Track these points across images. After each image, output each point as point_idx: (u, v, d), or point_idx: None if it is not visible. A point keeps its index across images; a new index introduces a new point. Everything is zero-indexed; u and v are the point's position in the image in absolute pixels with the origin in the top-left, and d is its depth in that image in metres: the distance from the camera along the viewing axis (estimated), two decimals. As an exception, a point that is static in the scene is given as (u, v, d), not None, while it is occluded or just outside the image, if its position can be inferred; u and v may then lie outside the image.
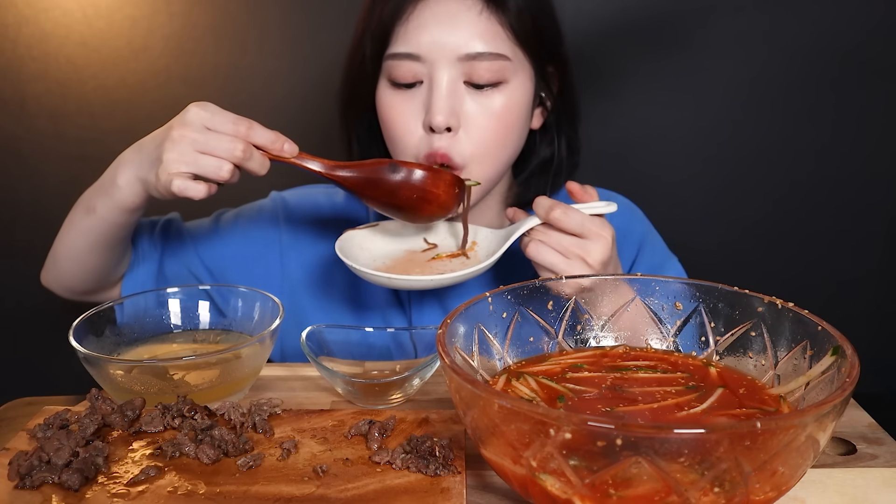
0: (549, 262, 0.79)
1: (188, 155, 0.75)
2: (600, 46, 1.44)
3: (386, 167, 0.80)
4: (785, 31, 1.45)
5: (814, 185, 1.54)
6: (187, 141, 0.75)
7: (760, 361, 0.60)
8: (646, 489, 0.42)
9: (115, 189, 0.83)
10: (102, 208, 0.85)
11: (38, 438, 0.61)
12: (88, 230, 0.88)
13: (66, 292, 0.98)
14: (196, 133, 0.75)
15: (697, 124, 1.51)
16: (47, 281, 0.98)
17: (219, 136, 0.75)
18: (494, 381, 0.60)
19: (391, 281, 0.78)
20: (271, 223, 1.03)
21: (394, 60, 0.86)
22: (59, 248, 0.93)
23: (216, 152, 0.75)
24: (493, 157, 0.88)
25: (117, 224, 0.87)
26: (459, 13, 0.84)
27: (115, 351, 0.78)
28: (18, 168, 1.45)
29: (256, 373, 0.76)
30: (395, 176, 0.80)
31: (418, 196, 0.81)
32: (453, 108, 0.84)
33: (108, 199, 0.84)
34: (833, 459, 0.62)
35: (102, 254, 0.91)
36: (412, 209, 0.82)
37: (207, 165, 0.75)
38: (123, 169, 0.82)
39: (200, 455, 0.59)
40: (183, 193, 0.76)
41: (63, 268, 0.93)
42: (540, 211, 0.81)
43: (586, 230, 0.79)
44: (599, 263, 0.79)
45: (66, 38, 1.39)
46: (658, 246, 1.04)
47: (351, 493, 0.55)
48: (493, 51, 0.84)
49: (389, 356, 0.80)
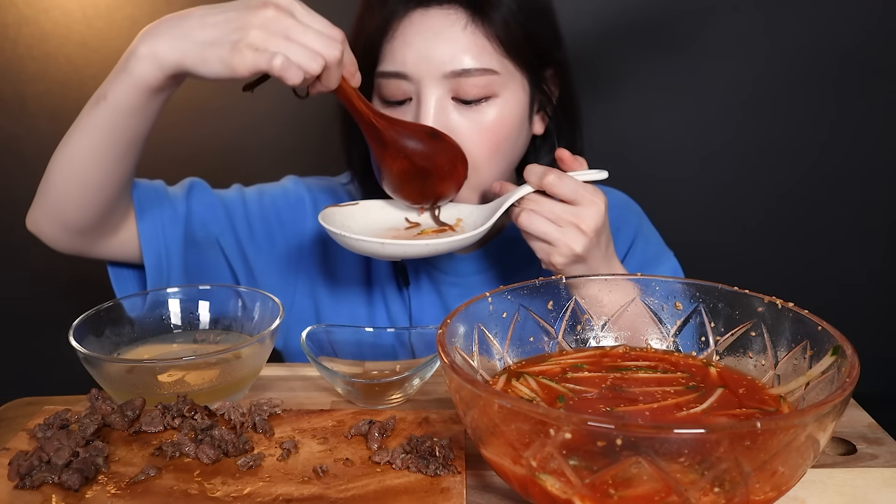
0: (541, 230, 0.78)
1: (282, 39, 0.68)
2: (600, 47, 1.44)
3: (427, 131, 0.81)
4: (785, 31, 1.45)
5: (814, 185, 1.54)
6: (285, 25, 0.68)
7: (760, 361, 0.60)
8: (646, 489, 0.42)
9: (135, 61, 0.72)
10: (116, 91, 0.74)
11: (38, 438, 0.61)
12: (94, 125, 0.77)
13: (60, 232, 0.84)
14: (292, 21, 0.69)
15: (697, 124, 1.51)
16: (35, 220, 0.85)
17: (318, 33, 0.69)
18: (494, 381, 0.60)
19: (384, 247, 0.76)
20: (297, 203, 1.00)
21: (382, 79, 0.85)
22: (52, 169, 0.80)
23: (314, 45, 0.69)
24: (486, 169, 0.87)
25: (131, 110, 0.75)
26: (444, 29, 0.82)
27: (115, 351, 0.78)
28: (18, 168, 1.45)
29: (256, 373, 0.76)
30: (434, 141, 0.81)
31: (452, 165, 0.82)
32: (443, 125, 0.83)
33: (125, 76, 0.73)
34: (833, 459, 0.62)
35: (107, 161, 0.78)
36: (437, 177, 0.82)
37: (301, 54, 0.68)
38: (150, 39, 0.72)
39: (200, 455, 0.59)
40: (283, 73, 0.68)
41: (58, 191, 0.81)
42: (532, 178, 0.79)
43: (579, 196, 0.77)
44: (593, 231, 0.77)
45: (66, 38, 1.39)
46: (653, 239, 1.03)
47: (351, 493, 0.55)
48: (480, 66, 0.82)
49: (390, 356, 0.80)
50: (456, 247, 0.78)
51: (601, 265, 0.81)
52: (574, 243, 0.77)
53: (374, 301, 1.01)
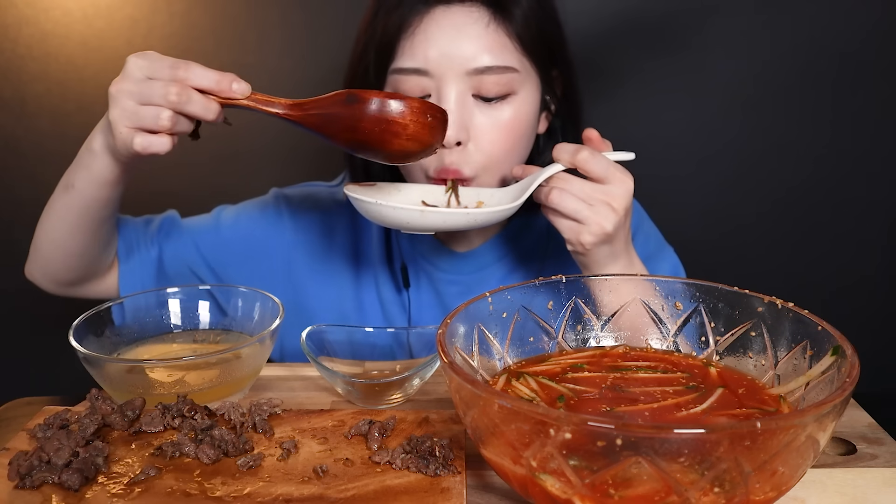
0: (572, 208, 0.77)
1: (129, 108, 0.70)
2: (600, 46, 1.44)
3: (343, 98, 0.71)
4: (785, 31, 1.45)
5: (814, 185, 1.54)
6: (125, 94, 0.70)
7: (760, 361, 0.60)
8: (646, 489, 0.42)
9: (91, 157, 0.78)
10: (80, 182, 0.81)
11: (38, 438, 0.61)
12: (68, 208, 0.83)
13: (52, 284, 0.93)
14: (133, 84, 0.70)
15: (697, 124, 1.51)
16: (31, 273, 0.93)
17: (154, 83, 0.70)
18: (494, 381, 0.60)
19: (423, 216, 0.74)
20: (275, 219, 1.02)
21: (400, 75, 0.85)
22: (40, 234, 0.88)
23: (153, 100, 0.70)
24: (502, 167, 0.88)
25: (96, 200, 0.82)
26: (466, 26, 0.82)
27: (115, 351, 0.78)
28: (18, 168, 1.45)
29: (256, 373, 0.76)
30: (352, 107, 0.70)
31: (382, 128, 0.70)
32: (463, 122, 0.83)
33: (86, 170, 0.79)
34: (833, 459, 0.62)
35: (84, 235, 0.86)
36: (379, 144, 0.72)
37: (146, 116, 0.70)
38: (96, 136, 0.78)
39: (200, 455, 0.59)
40: (147, 150, 0.71)
41: (45, 254, 0.89)
42: (564, 155, 0.78)
43: (610, 174, 0.77)
44: (623, 209, 0.77)
45: (66, 38, 1.39)
46: (652, 235, 1.04)
47: (351, 493, 0.55)
48: (502, 64, 0.83)
49: (389, 356, 0.80)
50: (494, 219, 0.78)
51: (625, 247, 0.82)
52: (605, 221, 0.77)
53: (371, 301, 1.01)
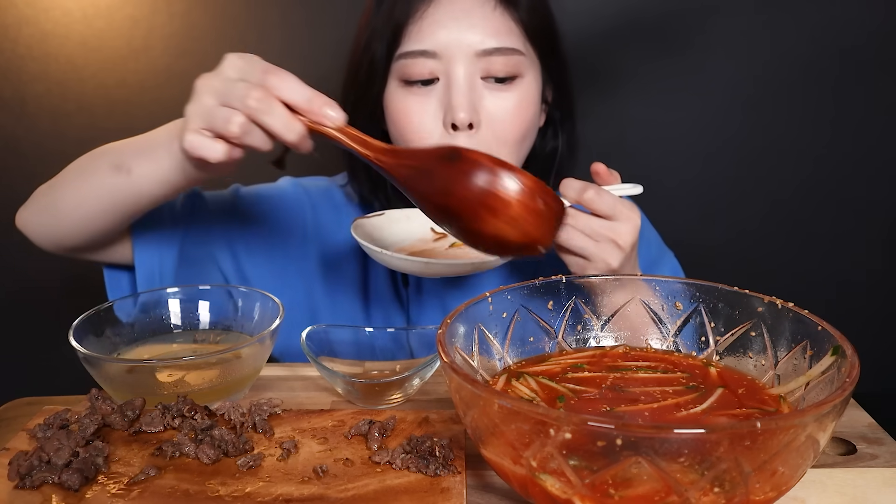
0: (579, 245, 0.76)
1: (206, 106, 0.64)
2: (600, 46, 1.44)
3: (445, 154, 0.59)
4: (785, 30, 1.45)
5: (814, 185, 1.54)
6: (208, 90, 0.64)
7: (760, 361, 0.60)
8: (646, 489, 0.42)
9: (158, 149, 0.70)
10: (140, 170, 0.72)
11: (38, 438, 0.61)
12: (111, 190, 0.75)
13: (47, 241, 0.83)
14: (220, 82, 0.64)
15: (697, 124, 1.51)
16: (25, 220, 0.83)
17: (238, 84, 0.63)
18: (494, 381, 0.60)
19: (429, 267, 0.72)
20: (297, 210, 0.99)
21: (407, 59, 0.85)
22: (62, 200, 0.78)
23: (231, 102, 0.63)
24: (514, 152, 0.88)
25: (151, 196, 0.74)
26: (474, 9, 0.85)
27: (114, 351, 0.78)
28: (18, 168, 1.45)
29: (256, 373, 0.76)
30: (452, 165, 0.58)
31: (478, 198, 0.57)
32: (473, 103, 0.84)
33: (149, 162, 0.71)
34: (833, 459, 0.62)
35: (117, 218, 0.78)
36: (471, 217, 0.58)
37: (217, 116, 0.63)
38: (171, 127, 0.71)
39: (200, 455, 0.59)
40: (194, 151, 0.64)
41: (65, 223, 0.80)
42: (570, 192, 0.78)
43: (617, 212, 0.77)
44: (629, 246, 0.77)
45: (66, 38, 1.39)
46: (653, 240, 1.04)
47: (351, 493, 0.55)
48: (509, 45, 0.85)
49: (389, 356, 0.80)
50: (497, 264, 0.77)
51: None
52: (610, 258, 0.77)
53: (371, 301, 1.01)
